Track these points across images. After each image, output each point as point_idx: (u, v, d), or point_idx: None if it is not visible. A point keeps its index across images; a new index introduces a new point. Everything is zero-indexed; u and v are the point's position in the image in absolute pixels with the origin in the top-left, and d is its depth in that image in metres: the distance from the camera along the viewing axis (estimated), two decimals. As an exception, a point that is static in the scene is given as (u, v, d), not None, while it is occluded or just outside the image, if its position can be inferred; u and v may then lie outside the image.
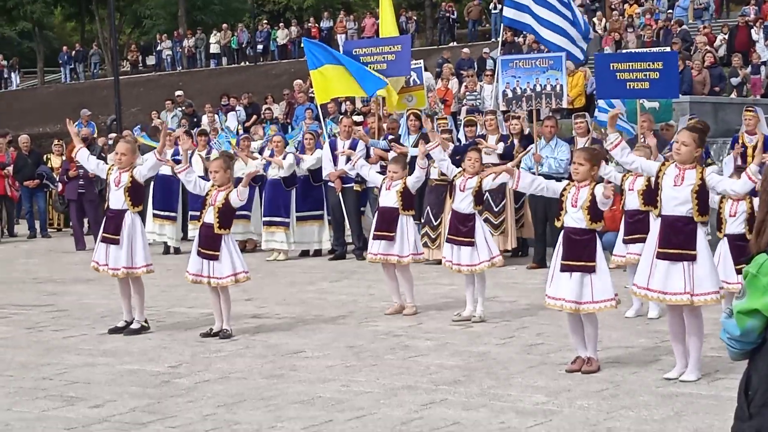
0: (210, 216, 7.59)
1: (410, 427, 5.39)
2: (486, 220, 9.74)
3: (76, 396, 6.15)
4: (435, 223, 11.41)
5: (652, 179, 6.23)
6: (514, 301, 9.65)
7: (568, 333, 6.74)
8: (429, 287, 10.19)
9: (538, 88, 11.24)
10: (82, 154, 8.32)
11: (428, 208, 11.39)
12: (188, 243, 11.90)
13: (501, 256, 8.49)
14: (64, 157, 15.99)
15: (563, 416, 5.53)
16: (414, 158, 9.25)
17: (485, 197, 9.22)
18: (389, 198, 8.40)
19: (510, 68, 12.04)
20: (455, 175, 8.05)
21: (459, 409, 5.72)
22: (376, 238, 8.48)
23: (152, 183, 12.03)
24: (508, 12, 13.22)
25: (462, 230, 7.95)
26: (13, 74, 39.71)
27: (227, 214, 7.65)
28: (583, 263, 6.17)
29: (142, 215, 9.19)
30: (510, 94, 11.50)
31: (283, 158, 12.55)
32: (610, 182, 6.80)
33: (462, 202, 8.02)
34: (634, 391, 5.97)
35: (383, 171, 9.55)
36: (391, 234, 8.31)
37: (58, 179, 15.60)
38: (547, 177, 8.70)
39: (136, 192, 7.85)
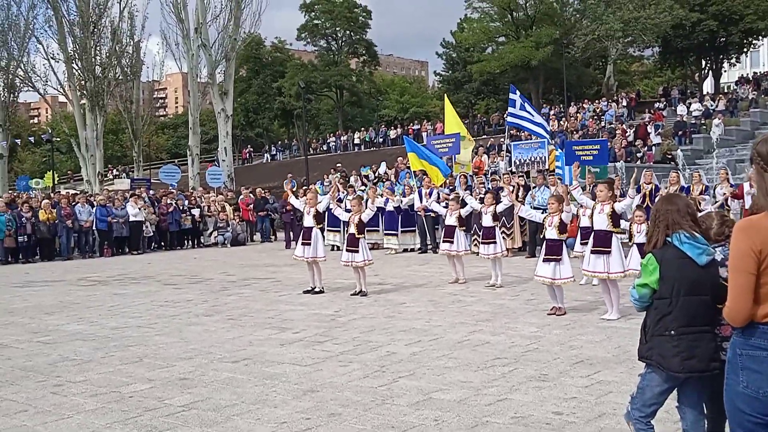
0: (352, 228, 12.07)
1: (463, 345, 8.23)
2: (502, 231, 14.87)
3: (285, 326, 9.86)
4: (508, 225, 16.89)
5: (594, 211, 10.13)
6: (518, 276, 13.82)
7: (547, 294, 10.25)
8: (472, 268, 14.27)
9: (532, 159, 16.06)
10: (292, 200, 13.38)
11: (475, 225, 16.39)
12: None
13: (506, 251, 13.46)
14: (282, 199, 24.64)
15: (546, 339, 8.41)
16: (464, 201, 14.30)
17: (502, 218, 14.38)
18: (451, 220, 13.02)
19: (517, 147, 18.30)
20: (482, 206, 12.77)
21: (489, 335, 8.75)
22: (444, 242, 13.14)
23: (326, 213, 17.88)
24: (510, 118, 19.06)
25: (488, 235, 12.30)
26: (253, 156, 66.61)
27: (361, 228, 12.15)
28: (555, 257, 9.91)
29: (322, 230, 14.39)
30: (518, 162, 16.63)
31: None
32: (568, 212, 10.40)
33: (486, 219, 12.49)
34: (585, 325, 9.12)
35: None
36: (452, 240, 12.81)
37: (278, 211, 24.79)
38: (536, 208, 14.19)
39: (318, 217, 12.41)
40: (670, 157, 28.87)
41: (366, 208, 13.20)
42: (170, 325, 10.35)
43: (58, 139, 52.26)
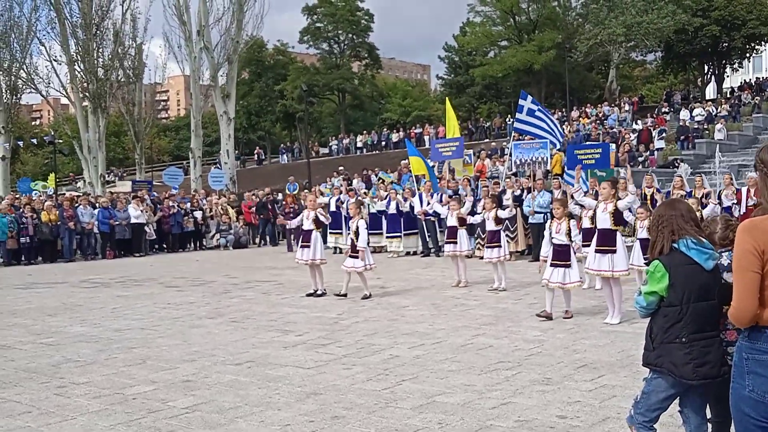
0: (352, 235, 12.08)
1: (466, 348, 8.18)
2: (506, 234, 14.68)
3: (287, 329, 9.83)
4: (512, 228, 16.80)
5: (597, 211, 10.10)
6: (522, 279, 13.80)
7: (545, 296, 10.14)
8: (474, 271, 14.28)
9: (533, 159, 16.26)
10: (294, 221, 13.29)
11: (478, 228, 16.43)
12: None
13: (509, 254, 13.50)
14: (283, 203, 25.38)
15: (549, 343, 8.39)
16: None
17: (505, 221, 14.16)
18: (452, 221, 13.04)
19: (518, 148, 18.23)
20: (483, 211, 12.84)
21: (492, 338, 8.69)
22: (447, 243, 13.12)
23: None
24: (517, 124, 18.78)
25: (492, 239, 12.32)
26: (269, 158, 65.61)
27: (358, 233, 12.11)
28: (564, 262, 9.95)
29: (324, 233, 14.28)
30: (518, 162, 16.75)
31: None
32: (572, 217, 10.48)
33: (489, 224, 12.50)
34: (588, 329, 9.13)
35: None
36: (455, 240, 12.79)
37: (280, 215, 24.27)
38: (537, 212, 15.14)
39: (318, 222, 12.40)
40: (673, 160, 28.83)
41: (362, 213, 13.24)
42: (173, 327, 10.36)
43: (61, 141, 52.15)
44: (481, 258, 13.87)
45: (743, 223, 3.34)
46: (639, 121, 38.58)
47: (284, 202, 24.53)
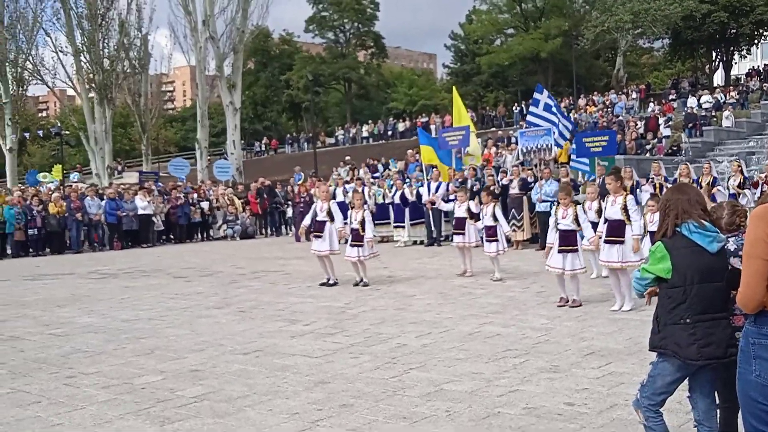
0: (356, 224, 12.13)
1: (474, 336, 8.23)
2: (512, 223, 15.52)
3: (295, 318, 9.85)
4: (518, 217, 17.13)
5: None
6: (529, 267, 13.85)
7: (557, 285, 10.25)
8: (481, 260, 14.04)
9: (539, 146, 16.51)
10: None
11: (513, 210, 17.05)
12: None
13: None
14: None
15: (556, 331, 8.41)
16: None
17: (511, 210, 15.33)
18: (461, 211, 13.03)
19: (524, 136, 18.50)
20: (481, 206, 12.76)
21: (500, 326, 8.76)
22: (455, 234, 13.25)
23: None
24: (530, 117, 19.48)
25: (490, 233, 12.47)
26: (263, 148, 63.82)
27: (363, 224, 12.18)
28: (570, 246, 9.99)
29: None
30: (524, 150, 16.94)
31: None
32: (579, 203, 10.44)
33: (486, 219, 12.57)
34: (596, 317, 9.13)
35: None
36: (463, 231, 12.85)
37: (290, 204, 25.07)
38: (544, 201, 15.06)
39: (330, 215, 12.40)
40: (675, 148, 28.69)
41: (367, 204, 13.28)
42: (181, 317, 10.40)
43: (68, 132, 52.24)
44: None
45: (757, 209, 3.33)
46: (650, 106, 38.55)
47: (296, 192, 24.39)
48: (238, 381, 6.81)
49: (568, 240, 9.95)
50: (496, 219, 12.63)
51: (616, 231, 9.77)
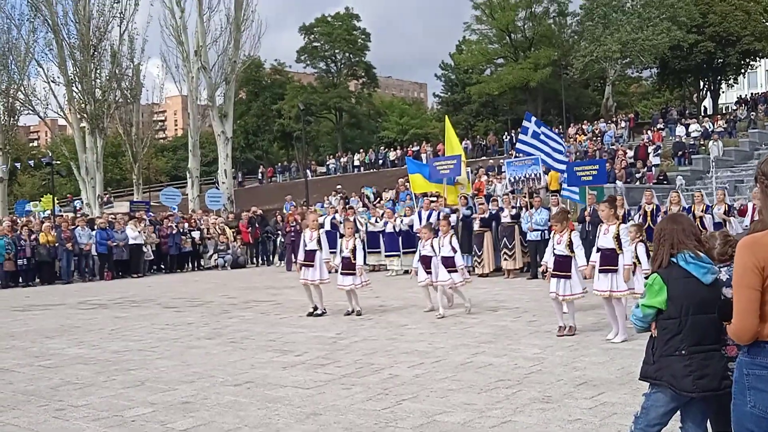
0: (347, 252, 12.07)
1: (466, 367, 8.12)
2: (504, 251, 16.10)
3: (287, 349, 9.73)
4: (510, 246, 17.13)
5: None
6: (521, 297, 13.71)
7: (553, 313, 10.27)
8: (473, 290, 14.21)
9: (526, 176, 17.00)
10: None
11: (504, 239, 17.06)
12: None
13: (467, 278, 12.78)
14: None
15: (549, 360, 8.30)
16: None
17: (503, 239, 15.55)
18: (426, 249, 12.48)
19: (511, 166, 18.61)
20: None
21: (492, 357, 8.62)
22: (422, 270, 12.72)
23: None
24: (519, 145, 19.19)
25: (447, 264, 12.14)
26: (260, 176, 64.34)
27: (354, 252, 12.14)
28: (564, 273, 9.94)
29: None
30: (512, 180, 17.50)
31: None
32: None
33: (444, 251, 12.15)
34: (588, 347, 9.04)
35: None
36: (429, 270, 12.43)
37: (280, 234, 24.83)
38: (535, 229, 15.06)
39: (320, 243, 12.34)
40: (662, 177, 28.82)
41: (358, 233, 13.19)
42: (171, 348, 10.32)
43: (58, 162, 52.16)
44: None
45: (744, 239, 3.33)
46: (644, 134, 38.99)
47: (285, 221, 24.41)
48: (230, 413, 6.75)
49: (563, 266, 9.94)
50: (454, 250, 12.17)
51: (608, 260, 9.75)
